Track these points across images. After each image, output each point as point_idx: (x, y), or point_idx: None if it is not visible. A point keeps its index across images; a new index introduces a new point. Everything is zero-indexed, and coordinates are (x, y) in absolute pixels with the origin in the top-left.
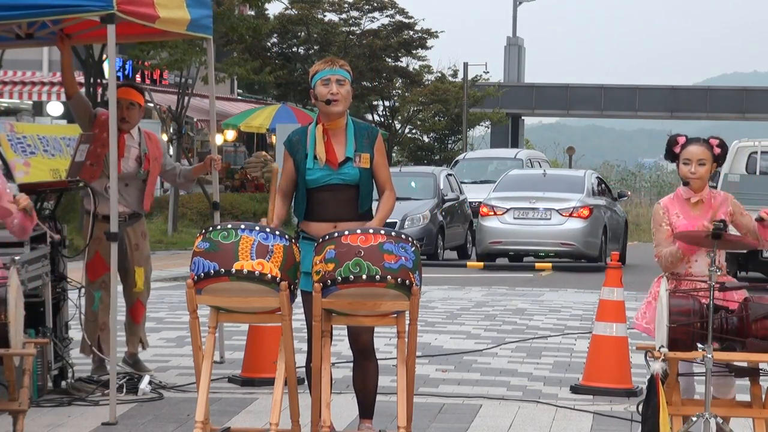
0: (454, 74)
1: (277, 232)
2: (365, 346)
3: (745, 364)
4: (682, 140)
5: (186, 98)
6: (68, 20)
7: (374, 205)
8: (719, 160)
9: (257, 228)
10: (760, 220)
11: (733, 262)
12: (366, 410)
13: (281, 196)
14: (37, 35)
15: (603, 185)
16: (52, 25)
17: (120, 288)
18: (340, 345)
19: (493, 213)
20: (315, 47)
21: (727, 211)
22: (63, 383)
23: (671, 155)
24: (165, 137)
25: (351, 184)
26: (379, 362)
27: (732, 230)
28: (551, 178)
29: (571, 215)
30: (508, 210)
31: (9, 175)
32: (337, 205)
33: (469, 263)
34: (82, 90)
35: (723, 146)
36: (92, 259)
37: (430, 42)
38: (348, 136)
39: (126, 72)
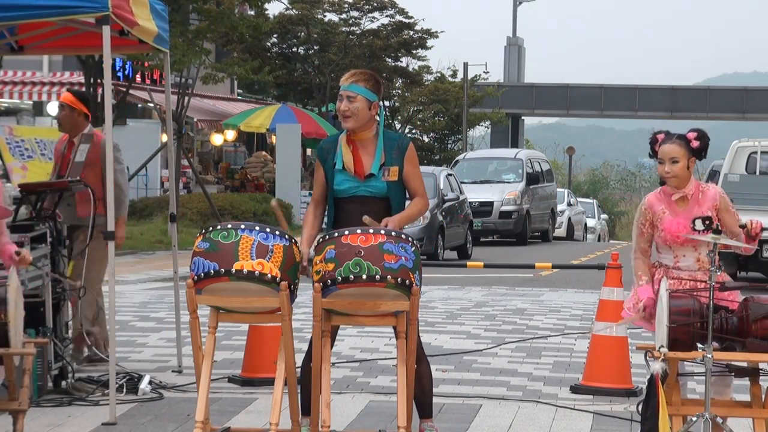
0: (454, 74)
1: (277, 232)
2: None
3: (745, 364)
4: (660, 137)
5: (186, 98)
6: (59, 32)
7: None
8: (698, 153)
9: (257, 228)
10: (743, 227)
11: (733, 263)
12: (425, 410)
13: (314, 206)
14: (28, 47)
15: None
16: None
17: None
18: (341, 345)
19: None
20: (315, 47)
21: (714, 206)
22: (63, 383)
23: (654, 153)
24: (165, 137)
25: (379, 197)
26: (379, 362)
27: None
28: None
29: None
30: None
31: (6, 178)
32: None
33: (469, 263)
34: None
35: (702, 138)
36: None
37: (430, 42)
38: (377, 148)
39: (126, 72)
